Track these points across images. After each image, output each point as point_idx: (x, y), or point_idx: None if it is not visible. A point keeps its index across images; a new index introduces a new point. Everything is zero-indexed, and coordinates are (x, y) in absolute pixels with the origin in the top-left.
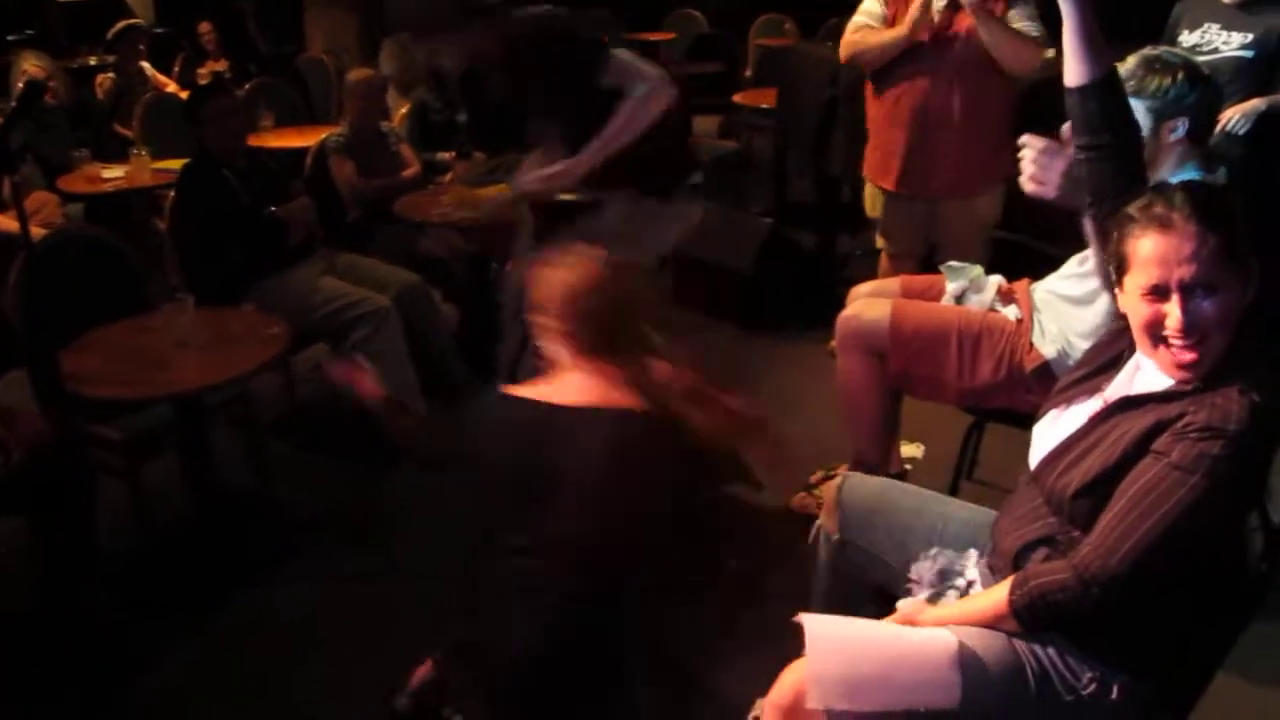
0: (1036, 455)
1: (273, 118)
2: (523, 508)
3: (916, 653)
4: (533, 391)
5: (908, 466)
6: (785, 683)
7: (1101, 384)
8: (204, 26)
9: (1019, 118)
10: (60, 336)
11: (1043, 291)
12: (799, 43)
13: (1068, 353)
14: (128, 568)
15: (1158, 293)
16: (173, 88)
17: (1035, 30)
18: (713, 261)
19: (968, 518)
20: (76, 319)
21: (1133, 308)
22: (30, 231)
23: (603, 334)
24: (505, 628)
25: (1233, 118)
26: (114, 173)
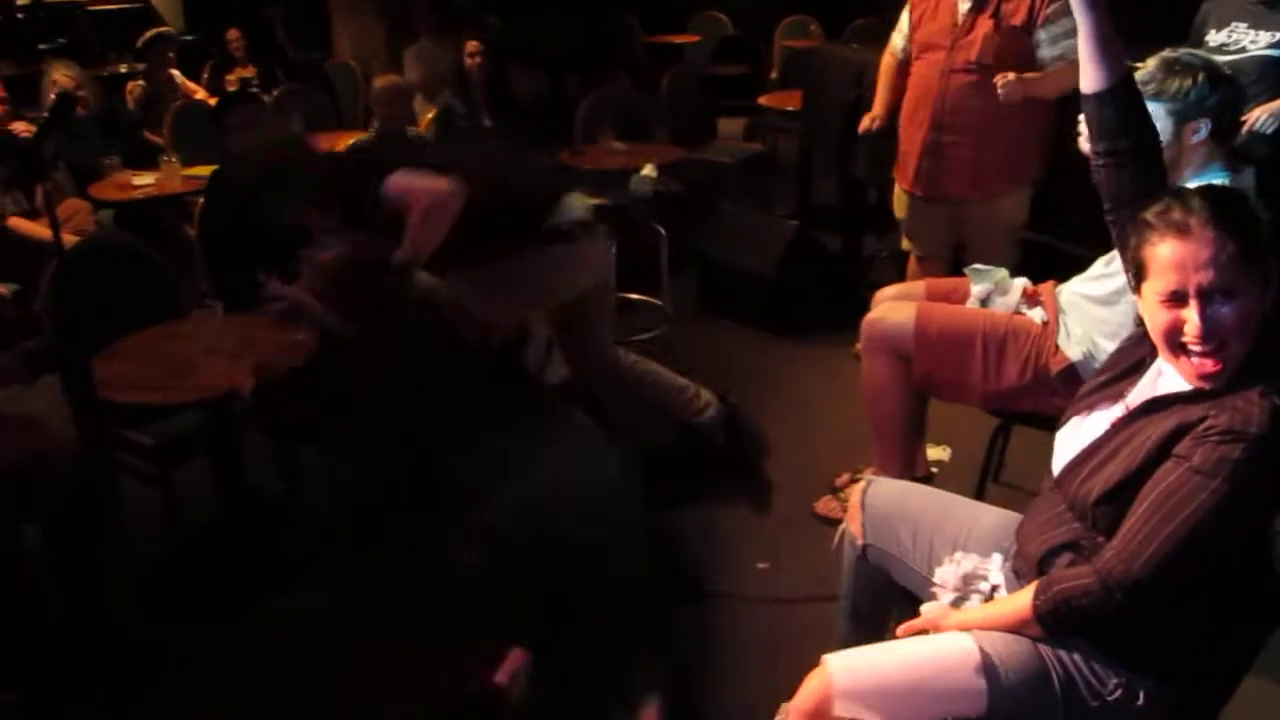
0: (1059, 462)
1: (301, 123)
2: None
3: (942, 662)
4: None
5: (934, 469)
6: (809, 687)
7: (1124, 390)
8: (232, 33)
9: (1053, 120)
10: (92, 343)
11: (1068, 293)
12: (824, 44)
13: (1093, 355)
14: (159, 571)
15: (1176, 299)
16: (202, 95)
17: (1067, 51)
18: (737, 264)
19: (994, 521)
20: (108, 325)
21: (1151, 314)
22: (62, 239)
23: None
24: None
25: (1260, 117)
26: (144, 180)
